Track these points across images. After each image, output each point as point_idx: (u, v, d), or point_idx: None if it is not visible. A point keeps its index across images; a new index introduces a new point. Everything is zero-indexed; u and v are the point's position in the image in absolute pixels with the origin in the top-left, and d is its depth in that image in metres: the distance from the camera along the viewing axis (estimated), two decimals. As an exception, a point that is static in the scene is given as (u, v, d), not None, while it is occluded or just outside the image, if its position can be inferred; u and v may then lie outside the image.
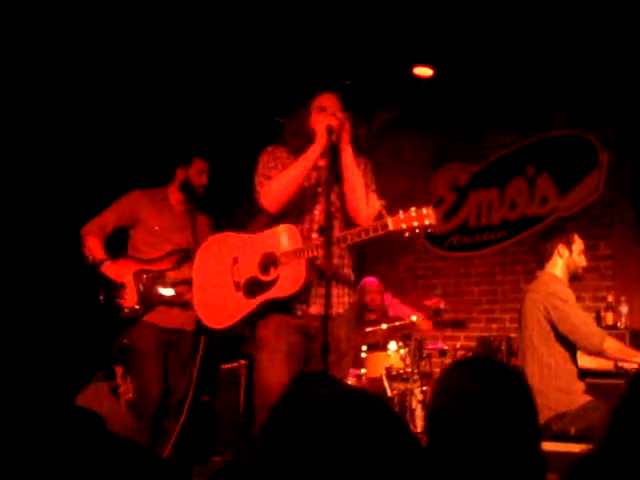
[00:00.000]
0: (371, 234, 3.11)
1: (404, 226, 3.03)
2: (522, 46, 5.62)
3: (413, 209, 3.04)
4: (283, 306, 3.34)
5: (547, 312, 3.93)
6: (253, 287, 3.35)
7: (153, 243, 4.40)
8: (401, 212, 3.06)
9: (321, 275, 3.26)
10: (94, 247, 4.37)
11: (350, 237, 3.18)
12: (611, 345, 3.90)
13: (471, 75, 6.23)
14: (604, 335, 3.91)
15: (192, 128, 6.16)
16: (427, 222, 3.02)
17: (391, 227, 3.05)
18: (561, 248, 4.09)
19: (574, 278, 4.19)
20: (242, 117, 6.46)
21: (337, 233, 3.24)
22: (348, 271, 3.53)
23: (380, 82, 6.23)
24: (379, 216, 3.21)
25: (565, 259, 4.10)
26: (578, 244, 4.14)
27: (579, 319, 3.90)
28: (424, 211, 3.03)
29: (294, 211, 3.41)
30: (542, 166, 6.47)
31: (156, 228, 4.42)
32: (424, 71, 6.24)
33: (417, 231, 3.06)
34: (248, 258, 3.38)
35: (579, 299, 4.44)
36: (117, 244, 4.51)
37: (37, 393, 1.14)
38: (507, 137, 6.68)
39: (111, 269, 4.31)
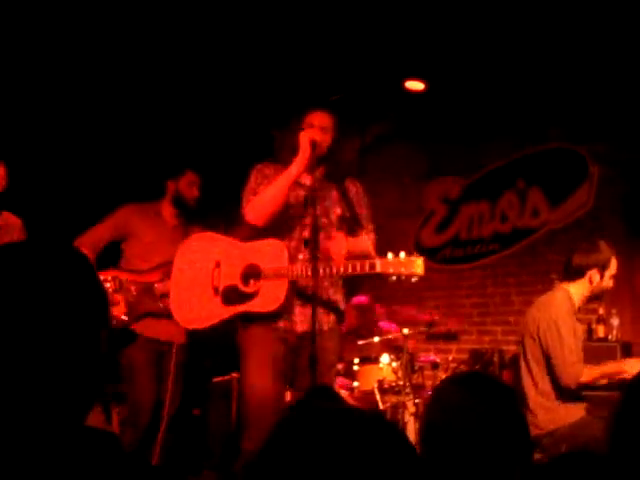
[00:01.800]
0: (358, 271, 3.11)
1: (391, 270, 3.04)
2: (514, 61, 5.65)
3: (403, 254, 3.04)
4: (263, 318, 3.33)
5: (539, 330, 3.88)
6: (232, 295, 3.35)
7: (143, 255, 4.40)
8: (390, 254, 3.06)
9: (305, 296, 3.27)
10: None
11: (336, 270, 3.18)
12: (587, 379, 3.81)
13: (463, 89, 6.26)
14: (581, 371, 3.79)
15: (183, 141, 6.17)
16: (415, 271, 3.03)
17: (378, 269, 3.06)
18: (594, 274, 3.90)
19: (595, 298, 4.12)
20: (234, 130, 6.46)
21: (320, 254, 3.23)
22: (335, 288, 3.53)
23: (372, 96, 6.26)
24: (365, 251, 3.21)
25: (594, 285, 3.92)
26: (612, 268, 3.94)
27: (565, 347, 3.79)
28: (413, 259, 3.04)
29: (280, 228, 3.42)
30: (533, 179, 6.50)
31: (147, 241, 4.43)
32: (416, 85, 6.27)
33: (403, 278, 3.07)
34: (231, 265, 3.37)
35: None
36: (108, 256, 4.51)
37: (50, 408, 1.12)
38: (499, 151, 6.71)
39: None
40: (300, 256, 3.36)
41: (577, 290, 3.96)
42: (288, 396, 4.53)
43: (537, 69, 5.76)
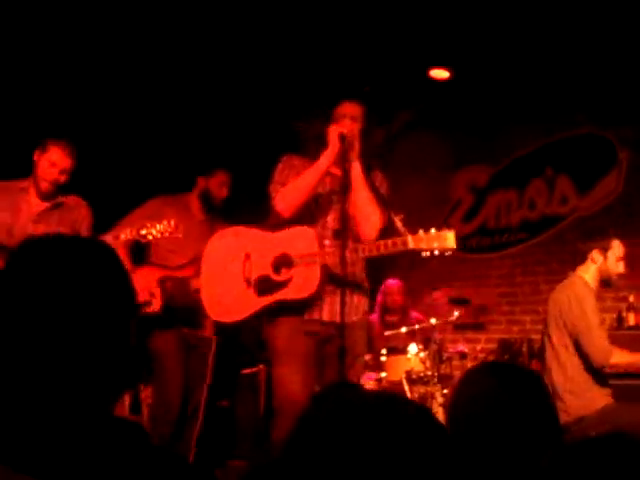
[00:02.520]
0: (390, 249, 3.12)
1: (424, 246, 3.05)
2: (540, 47, 5.59)
3: (434, 230, 3.04)
4: (293, 309, 3.34)
5: (562, 312, 3.90)
6: (265, 285, 3.34)
7: (176, 250, 4.42)
8: (421, 231, 3.06)
9: (335, 282, 3.27)
10: (120, 256, 4.34)
11: (368, 249, 3.19)
12: (618, 360, 3.85)
13: (488, 76, 6.20)
14: (611, 350, 3.85)
15: (217, 136, 6.19)
16: (446, 245, 3.03)
17: (411, 245, 3.06)
18: (595, 254, 4.04)
19: (606, 284, 4.14)
20: (262, 124, 6.46)
21: (350, 242, 3.24)
22: (362, 278, 3.52)
23: (397, 85, 6.22)
24: (395, 230, 3.20)
25: (598, 265, 4.03)
26: (616, 250, 4.06)
27: (591, 326, 3.84)
28: (445, 233, 3.04)
29: (307, 217, 3.42)
30: (561, 166, 6.43)
31: (180, 236, 4.43)
32: (441, 73, 6.23)
33: (436, 253, 3.07)
34: (261, 255, 3.37)
35: (600, 299, 4.39)
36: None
37: (73, 404, 1.13)
38: (525, 138, 6.64)
39: (139, 279, 4.30)
40: (326, 242, 3.36)
41: (587, 274, 4.05)
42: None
43: (562, 54, 5.69)
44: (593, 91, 6.06)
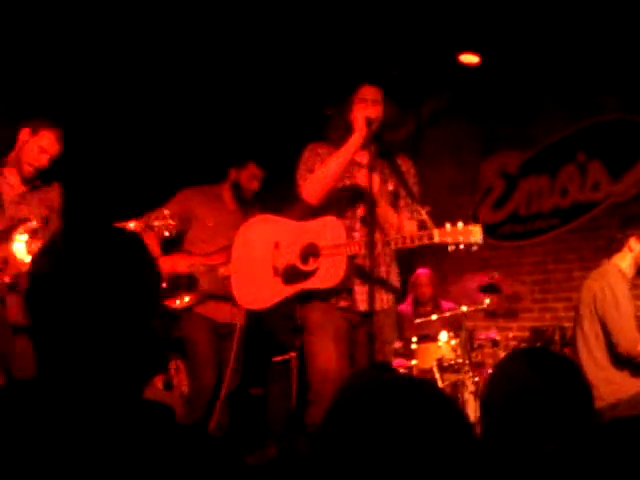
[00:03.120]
0: (416, 242, 3.15)
1: (449, 240, 3.07)
2: (570, 30, 5.52)
3: (460, 224, 3.07)
4: (324, 295, 3.38)
5: (595, 300, 3.87)
6: (292, 274, 3.39)
7: (207, 239, 4.46)
8: (448, 225, 3.08)
9: (363, 272, 3.28)
10: (151, 243, 4.38)
11: (394, 242, 3.21)
12: None
13: (518, 61, 6.15)
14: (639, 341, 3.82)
15: (249, 128, 6.21)
16: (473, 239, 3.06)
17: (436, 239, 3.09)
18: (633, 242, 3.99)
19: None
20: (292, 112, 6.47)
21: (377, 234, 3.24)
22: (391, 268, 3.51)
23: (426, 71, 6.18)
24: (423, 224, 3.20)
25: (636, 253, 4.00)
26: None
27: (622, 314, 3.82)
28: (471, 228, 3.05)
29: (335, 207, 3.42)
30: (593, 152, 6.34)
31: (210, 225, 4.47)
32: (470, 58, 6.18)
33: (461, 247, 3.08)
34: (290, 245, 3.41)
35: (634, 287, 4.33)
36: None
37: (106, 387, 1.16)
38: (556, 123, 6.56)
39: (166, 263, 4.34)
40: (355, 234, 3.36)
41: (623, 262, 4.01)
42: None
43: (592, 38, 5.62)
44: (624, 75, 5.97)
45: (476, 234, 3.05)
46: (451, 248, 3.09)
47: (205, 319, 4.41)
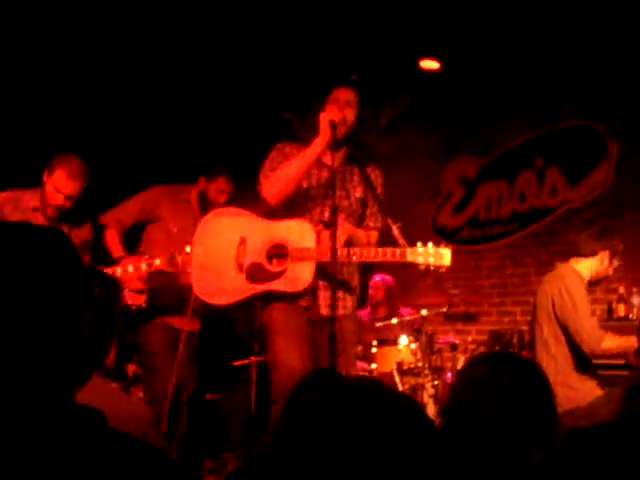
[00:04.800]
0: (389, 258, 3.17)
1: (420, 260, 3.10)
2: (529, 38, 5.59)
3: (431, 245, 3.11)
4: (287, 297, 3.34)
5: (553, 303, 3.90)
6: (257, 273, 3.32)
7: (168, 244, 4.33)
8: (420, 244, 3.11)
9: (327, 280, 3.27)
10: (112, 243, 4.28)
11: (366, 254, 3.20)
12: (609, 345, 3.85)
13: (478, 68, 6.20)
14: (603, 336, 3.86)
15: (215, 126, 6.18)
16: (443, 262, 3.10)
17: (409, 258, 3.11)
18: (605, 256, 4.01)
19: (594, 284, 4.15)
20: (252, 112, 6.47)
21: (341, 234, 3.23)
22: (353, 279, 3.52)
23: (387, 76, 6.20)
24: (392, 237, 3.22)
25: (603, 267, 4.02)
26: (616, 262, 4.08)
27: (581, 314, 3.85)
28: (442, 251, 3.10)
29: (301, 208, 3.40)
30: (551, 158, 6.43)
31: (174, 230, 4.35)
32: (431, 64, 6.21)
33: (431, 268, 3.13)
34: (257, 242, 3.34)
35: (590, 291, 4.38)
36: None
37: (30, 388, 1.12)
38: (515, 129, 6.64)
39: (124, 269, 4.24)
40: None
41: (584, 268, 4.02)
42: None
43: (552, 46, 5.69)
44: (582, 83, 6.07)
45: (446, 259, 3.10)
46: (421, 267, 3.14)
47: (164, 325, 4.32)
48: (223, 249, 3.40)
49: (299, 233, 3.29)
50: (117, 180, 5.37)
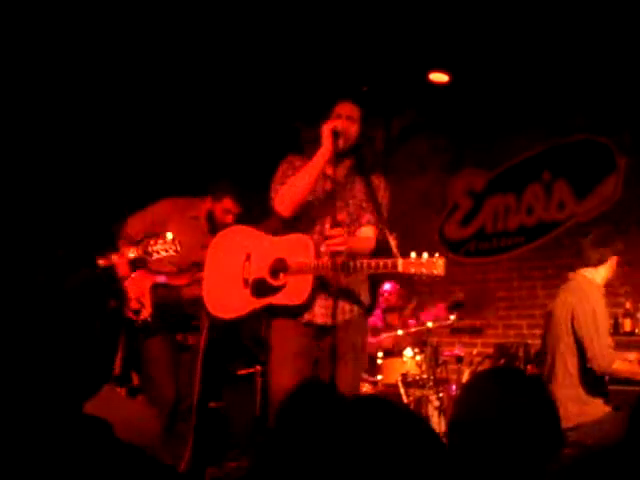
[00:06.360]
0: (380, 269, 3.18)
1: (412, 270, 3.10)
2: (539, 51, 5.61)
3: (425, 255, 3.09)
4: (289, 311, 3.40)
5: (573, 315, 3.87)
6: (260, 288, 3.41)
7: (174, 260, 4.34)
8: (413, 255, 3.11)
9: (326, 289, 3.31)
10: (121, 263, 4.30)
11: (359, 266, 3.23)
12: (619, 367, 3.87)
13: (487, 81, 6.22)
14: (614, 358, 3.86)
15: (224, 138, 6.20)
16: (435, 272, 3.09)
17: (400, 269, 3.11)
18: (612, 259, 4.03)
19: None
20: (262, 125, 6.50)
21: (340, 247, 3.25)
22: (357, 286, 3.53)
23: (396, 88, 6.23)
24: (389, 249, 3.24)
25: (612, 270, 4.05)
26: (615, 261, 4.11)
27: (601, 330, 3.82)
28: (435, 260, 3.09)
29: (305, 221, 3.45)
30: (559, 171, 6.43)
31: (178, 249, 4.36)
32: (440, 77, 6.24)
33: (423, 278, 3.14)
34: (261, 258, 3.43)
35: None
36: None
37: (43, 400, 1.13)
38: (524, 142, 6.65)
39: (132, 286, 4.28)
40: (322, 248, 3.37)
41: (596, 275, 4.03)
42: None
43: (561, 59, 5.71)
44: (591, 97, 6.08)
45: (439, 267, 3.08)
46: (414, 278, 3.17)
47: (164, 336, 4.35)
48: (230, 266, 3.52)
49: (298, 247, 3.35)
50: (129, 189, 5.42)
